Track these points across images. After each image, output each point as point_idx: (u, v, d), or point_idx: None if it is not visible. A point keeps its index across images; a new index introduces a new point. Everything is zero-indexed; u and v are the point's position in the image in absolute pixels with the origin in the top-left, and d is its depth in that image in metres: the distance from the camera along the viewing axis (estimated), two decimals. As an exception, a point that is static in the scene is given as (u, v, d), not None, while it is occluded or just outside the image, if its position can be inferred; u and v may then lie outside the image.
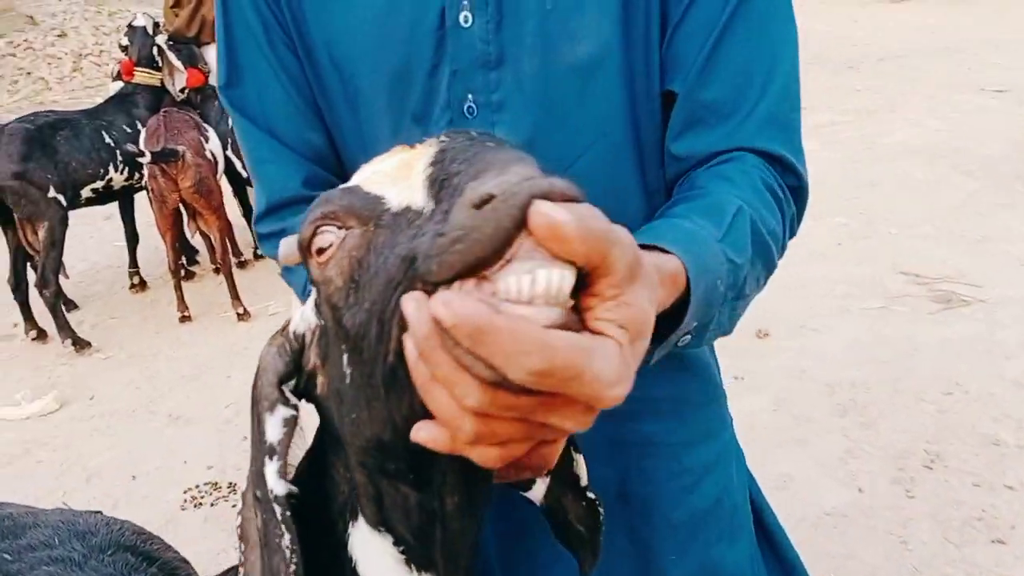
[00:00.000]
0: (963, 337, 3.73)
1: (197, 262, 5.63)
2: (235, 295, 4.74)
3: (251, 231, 5.62)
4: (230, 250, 5.06)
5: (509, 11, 0.86)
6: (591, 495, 0.81)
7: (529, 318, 0.45)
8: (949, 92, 7.90)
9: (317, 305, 0.66)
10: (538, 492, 0.80)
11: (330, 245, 0.60)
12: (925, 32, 10.74)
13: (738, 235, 0.79)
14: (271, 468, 0.66)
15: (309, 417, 0.71)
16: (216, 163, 4.84)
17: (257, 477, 0.67)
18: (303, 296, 0.93)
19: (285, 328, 0.71)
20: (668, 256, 0.69)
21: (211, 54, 5.60)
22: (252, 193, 5.53)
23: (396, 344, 0.53)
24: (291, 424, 0.67)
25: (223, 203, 4.78)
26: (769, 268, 0.86)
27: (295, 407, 0.68)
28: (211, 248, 5.05)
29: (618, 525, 1.01)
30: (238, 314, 4.72)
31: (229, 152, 5.12)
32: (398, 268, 0.53)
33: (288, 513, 0.64)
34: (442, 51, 0.88)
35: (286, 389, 0.68)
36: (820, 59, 9.76)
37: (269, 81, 0.96)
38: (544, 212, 0.45)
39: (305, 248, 0.62)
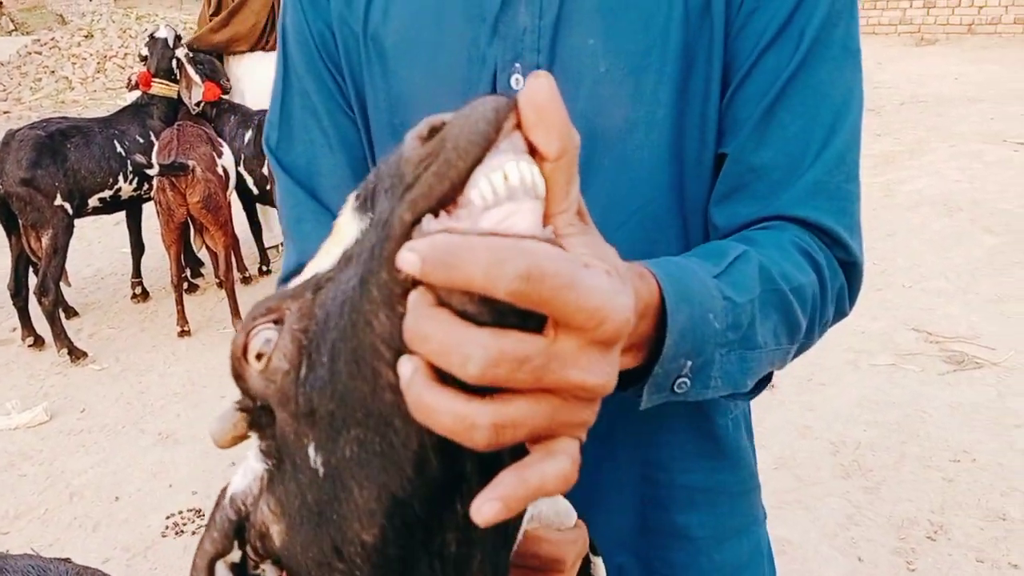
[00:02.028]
0: (973, 402, 3.62)
1: (202, 275, 5.60)
2: (236, 312, 4.70)
3: (258, 248, 5.59)
4: (234, 266, 5.02)
5: (560, 74, 0.80)
6: None
7: (508, 221, 0.41)
8: (971, 142, 7.78)
9: (261, 450, 0.55)
10: None
11: (268, 341, 0.51)
12: (949, 79, 10.63)
13: (739, 275, 0.72)
14: None
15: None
16: (227, 179, 4.81)
17: None
18: None
19: (219, 504, 0.59)
20: (636, 263, 0.63)
21: (241, 65, 5.58)
22: (261, 209, 5.55)
23: (380, 367, 0.43)
24: None
25: (230, 219, 4.75)
26: (792, 328, 0.77)
27: None
28: (217, 262, 5.01)
29: None
30: (237, 331, 4.67)
31: (241, 168, 5.09)
32: (356, 285, 0.44)
33: None
34: None
35: (221, 568, 0.58)
36: (842, 101, 9.64)
37: (320, 151, 0.95)
38: (539, 87, 0.42)
39: (240, 357, 0.53)
